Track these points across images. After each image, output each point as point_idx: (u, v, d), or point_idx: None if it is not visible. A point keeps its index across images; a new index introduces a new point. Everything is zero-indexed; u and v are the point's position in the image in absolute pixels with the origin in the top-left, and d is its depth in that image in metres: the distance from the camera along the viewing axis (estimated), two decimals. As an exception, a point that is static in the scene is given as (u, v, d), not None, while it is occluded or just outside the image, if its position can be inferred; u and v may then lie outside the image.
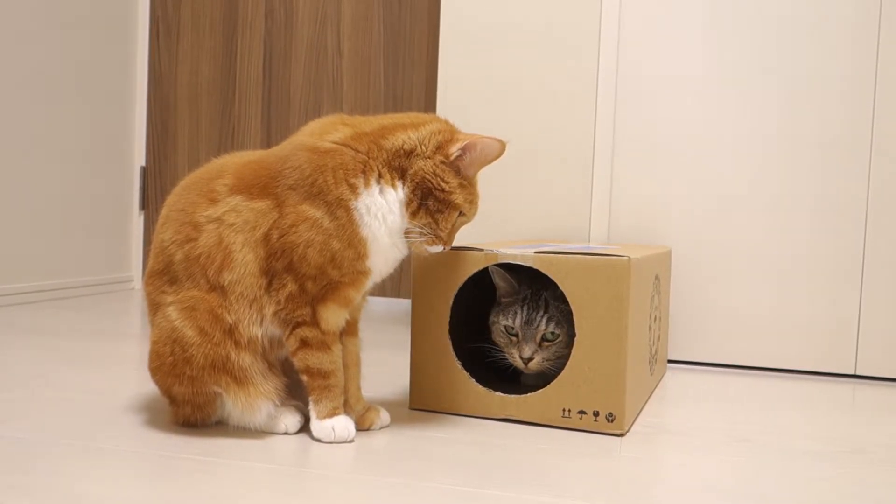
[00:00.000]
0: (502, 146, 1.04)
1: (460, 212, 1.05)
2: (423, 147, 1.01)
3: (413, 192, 1.01)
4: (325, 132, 1.02)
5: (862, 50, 1.58)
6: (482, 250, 1.16)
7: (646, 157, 1.70)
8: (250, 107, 2.66)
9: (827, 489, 0.92)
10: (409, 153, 1.01)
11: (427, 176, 1.01)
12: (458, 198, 1.03)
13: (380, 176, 1.00)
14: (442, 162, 1.01)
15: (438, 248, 1.05)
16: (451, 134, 1.04)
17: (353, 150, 1.00)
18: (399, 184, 1.01)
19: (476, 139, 1.02)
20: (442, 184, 1.01)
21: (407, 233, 1.02)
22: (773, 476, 0.96)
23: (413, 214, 1.01)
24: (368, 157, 1.00)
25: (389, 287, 2.53)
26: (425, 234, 1.03)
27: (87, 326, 1.92)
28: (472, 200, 1.06)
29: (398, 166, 1.01)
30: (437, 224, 1.02)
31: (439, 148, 1.02)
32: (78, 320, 2.01)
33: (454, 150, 1.01)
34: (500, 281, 1.22)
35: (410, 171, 1.01)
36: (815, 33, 1.60)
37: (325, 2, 2.57)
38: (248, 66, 2.65)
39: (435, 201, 1.01)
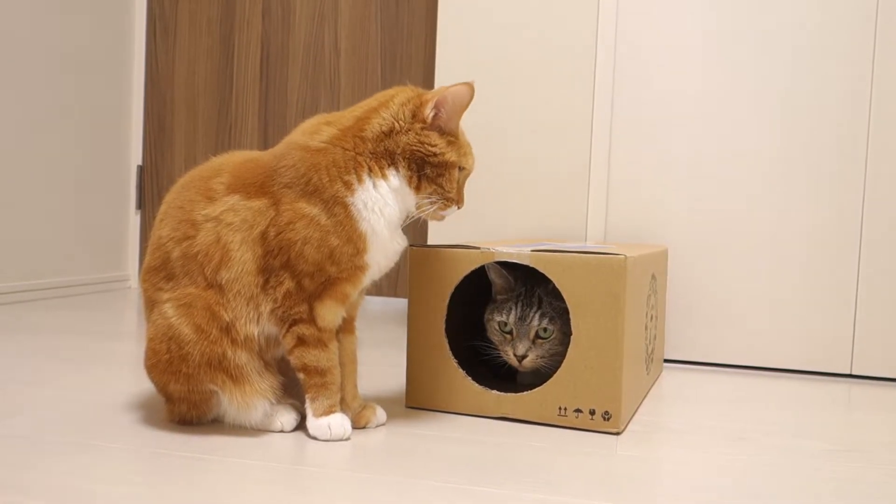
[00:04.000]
0: (470, 88, 1.03)
1: (459, 167, 1.05)
2: (400, 123, 1.02)
3: (408, 167, 1.02)
4: (313, 132, 1.03)
5: (859, 54, 1.58)
6: (478, 249, 1.17)
7: (643, 156, 1.71)
8: (247, 105, 2.66)
9: (822, 488, 0.92)
10: (390, 133, 1.02)
11: (414, 147, 1.01)
12: (451, 156, 1.03)
13: (370, 170, 1.01)
14: (422, 128, 1.02)
15: (453, 209, 1.07)
16: (419, 98, 1.04)
17: (342, 149, 1.01)
18: (390, 171, 1.01)
19: (444, 91, 1.02)
20: (431, 149, 1.02)
21: (418, 206, 1.04)
22: (769, 475, 0.96)
23: (417, 189, 1.03)
24: (356, 153, 1.01)
25: (386, 286, 2.53)
26: (436, 202, 1.04)
27: (83, 325, 1.91)
28: (466, 152, 1.07)
29: (384, 150, 1.01)
30: (442, 188, 1.04)
31: (414, 116, 1.02)
32: (74, 319, 2.01)
33: (428, 111, 1.02)
34: (497, 278, 1.22)
35: (398, 151, 1.01)
36: (813, 37, 1.61)
37: (322, 0, 2.56)
38: (245, 64, 2.65)
39: (431, 167, 1.02)
